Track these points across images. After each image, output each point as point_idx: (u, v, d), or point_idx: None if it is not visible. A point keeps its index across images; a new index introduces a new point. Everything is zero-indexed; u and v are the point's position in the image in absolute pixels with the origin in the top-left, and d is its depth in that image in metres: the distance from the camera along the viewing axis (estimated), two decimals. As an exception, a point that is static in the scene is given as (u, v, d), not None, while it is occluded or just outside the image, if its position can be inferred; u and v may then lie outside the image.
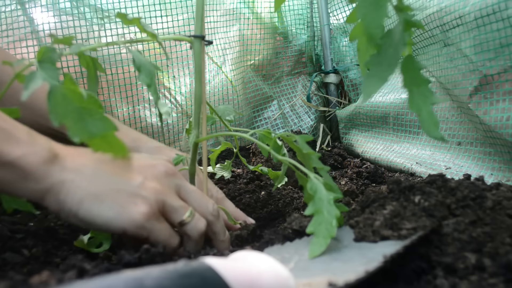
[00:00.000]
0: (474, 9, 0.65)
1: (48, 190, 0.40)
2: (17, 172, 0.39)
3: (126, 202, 0.42)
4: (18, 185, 0.39)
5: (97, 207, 0.40)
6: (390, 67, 0.39)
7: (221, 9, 1.07)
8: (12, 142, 0.39)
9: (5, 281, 0.31)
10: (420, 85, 0.42)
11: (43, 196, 0.40)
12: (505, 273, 0.33)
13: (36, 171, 0.39)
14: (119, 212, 0.41)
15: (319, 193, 0.43)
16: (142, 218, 0.42)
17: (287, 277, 0.30)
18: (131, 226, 0.41)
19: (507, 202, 0.42)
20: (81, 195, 0.40)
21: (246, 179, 0.82)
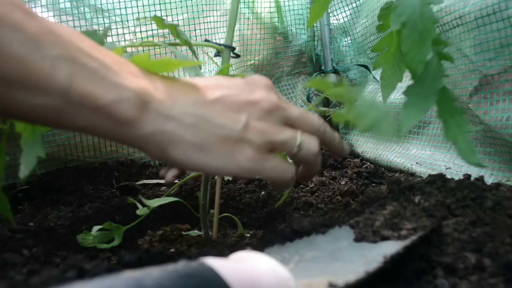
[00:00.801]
0: (474, 9, 0.65)
1: (148, 139, 0.37)
2: (110, 118, 0.35)
3: (232, 149, 0.39)
4: (114, 132, 0.36)
5: (203, 158, 0.39)
6: (428, 97, 0.41)
7: (221, 9, 1.07)
8: (101, 84, 0.35)
9: (5, 281, 0.31)
10: (454, 116, 0.43)
11: (144, 144, 0.37)
12: (505, 273, 0.33)
13: (130, 119, 0.36)
14: (227, 161, 0.39)
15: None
16: (250, 163, 0.40)
17: (288, 278, 0.30)
18: (240, 171, 0.40)
19: (507, 202, 0.42)
20: (185, 147, 0.38)
21: (246, 179, 0.82)
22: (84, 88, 0.34)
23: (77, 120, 0.34)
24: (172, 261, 0.42)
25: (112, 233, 0.54)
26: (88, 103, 0.34)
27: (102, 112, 0.35)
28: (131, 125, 0.36)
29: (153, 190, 0.78)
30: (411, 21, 0.40)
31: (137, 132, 0.36)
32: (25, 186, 0.82)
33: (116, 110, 0.35)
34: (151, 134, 0.37)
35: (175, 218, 0.68)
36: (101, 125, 0.35)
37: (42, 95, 0.32)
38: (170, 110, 0.38)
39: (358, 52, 1.20)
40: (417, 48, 0.40)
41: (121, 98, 0.35)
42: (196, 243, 0.55)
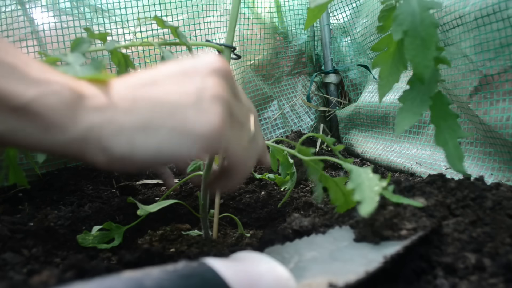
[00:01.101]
0: (474, 9, 0.65)
1: (85, 139, 0.30)
2: (35, 120, 0.29)
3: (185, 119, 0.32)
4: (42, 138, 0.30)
5: (152, 140, 0.31)
6: (423, 103, 0.42)
7: (221, 9, 1.07)
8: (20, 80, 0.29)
9: (5, 281, 0.31)
10: (448, 120, 0.44)
11: (82, 149, 0.30)
12: (505, 273, 0.33)
13: (60, 119, 0.29)
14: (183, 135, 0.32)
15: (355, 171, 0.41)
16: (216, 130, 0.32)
17: (288, 278, 0.30)
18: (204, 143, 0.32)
19: (507, 202, 0.42)
20: (128, 134, 0.31)
21: (246, 179, 0.82)
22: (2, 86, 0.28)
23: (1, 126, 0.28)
24: (172, 261, 0.42)
25: (112, 233, 0.54)
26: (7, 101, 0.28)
27: (24, 112, 0.29)
28: (61, 126, 0.30)
29: (153, 190, 0.78)
30: (412, 29, 0.41)
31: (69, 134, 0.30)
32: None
33: (41, 108, 0.29)
34: (87, 131, 0.30)
35: (175, 218, 0.68)
36: (23, 131, 0.29)
37: None
38: (104, 100, 0.32)
39: (358, 52, 1.20)
40: (422, 54, 0.41)
41: (46, 93, 0.29)
42: (196, 243, 0.55)
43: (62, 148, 0.30)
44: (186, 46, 0.52)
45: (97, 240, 0.53)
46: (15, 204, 0.75)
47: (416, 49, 0.41)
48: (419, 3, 0.41)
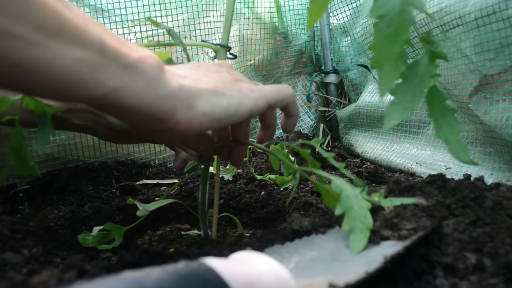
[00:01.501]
0: (474, 9, 0.65)
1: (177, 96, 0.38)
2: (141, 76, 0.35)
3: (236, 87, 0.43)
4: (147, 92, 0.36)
5: (224, 100, 0.41)
6: (415, 97, 0.41)
7: (221, 9, 1.07)
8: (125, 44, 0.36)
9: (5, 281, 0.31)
10: (446, 115, 0.43)
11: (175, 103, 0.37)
12: (505, 273, 0.33)
13: (156, 76, 0.36)
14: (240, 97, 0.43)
15: (345, 191, 0.42)
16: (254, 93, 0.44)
17: (288, 279, 0.30)
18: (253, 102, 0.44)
19: (507, 202, 0.42)
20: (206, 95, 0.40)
21: (246, 179, 0.82)
22: (115, 46, 0.34)
23: (111, 79, 0.34)
24: (172, 261, 0.42)
25: (112, 234, 0.54)
26: (120, 59, 0.34)
27: (134, 69, 0.35)
28: (160, 82, 0.37)
29: (153, 190, 0.78)
30: (388, 16, 0.40)
31: (166, 89, 0.37)
32: (25, 186, 0.82)
33: (145, 66, 0.36)
34: (178, 90, 0.38)
35: (175, 218, 0.68)
36: (134, 85, 0.35)
37: (80, 47, 0.32)
38: (177, 71, 0.41)
39: (358, 52, 1.20)
40: (388, 44, 0.40)
41: (145, 56, 0.36)
42: (196, 243, 0.55)
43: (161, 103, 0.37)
44: (181, 47, 0.52)
45: (97, 240, 0.53)
46: (15, 204, 0.75)
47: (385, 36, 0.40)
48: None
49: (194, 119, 0.39)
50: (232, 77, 0.45)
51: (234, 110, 0.42)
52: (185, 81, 0.39)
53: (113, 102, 0.35)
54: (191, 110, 0.39)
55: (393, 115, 0.40)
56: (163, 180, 0.87)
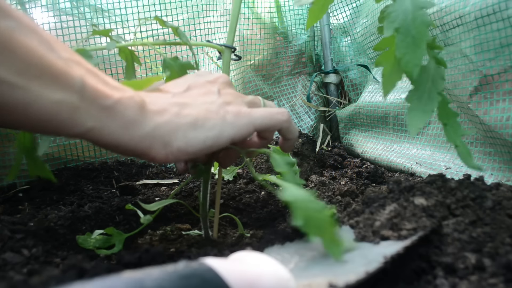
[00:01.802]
0: (474, 9, 0.65)
1: (153, 136, 0.39)
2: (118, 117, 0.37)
3: (220, 115, 0.43)
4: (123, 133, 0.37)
5: (201, 133, 0.41)
6: (431, 100, 0.42)
7: (221, 9, 1.07)
8: (106, 85, 0.37)
9: (5, 281, 0.31)
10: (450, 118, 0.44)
11: (151, 143, 0.39)
12: (505, 273, 0.33)
13: (135, 117, 0.38)
14: (221, 127, 0.42)
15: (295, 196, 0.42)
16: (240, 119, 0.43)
17: (288, 279, 0.30)
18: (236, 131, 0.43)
19: (507, 202, 0.42)
20: (183, 130, 0.40)
21: (246, 179, 0.82)
22: (95, 87, 0.36)
23: (88, 120, 0.35)
24: (172, 261, 0.42)
25: (113, 239, 0.54)
26: (99, 101, 0.36)
27: (112, 111, 0.36)
28: (136, 124, 0.38)
29: (153, 190, 0.78)
30: (403, 27, 0.41)
31: (142, 131, 0.38)
32: (25, 186, 0.82)
33: (123, 108, 0.37)
34: (154, 129, 0.39)
35: (175, 218, 0.68)
36: (110, 126, 0.36)
37: (60, 90, 0.33)
38: (158, 106, 0.41)
39: (358, 52, 1.20)
40: (412, 52, 0.41)
41: (125, 98, 0.37)
42: (197, 242, 0.55)
43: (136, 143, 0.38)
44: (188, 46, 0.52)
45: (98, 244, 0.53)
46: (15, 204, 0.75)
47: (406, 47, 0.41)
48: (412, 2, 0.41)
49: (169, 155, 0.40)
50: (220, 101, 0.44)
51: (212, 143, 0.42)
52: (163, 117, 0.40)
53: (91, 140, 0.37)
54: (166, 147, 0.40)
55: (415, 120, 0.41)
56: (163, 180, 0.87)
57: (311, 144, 0.95)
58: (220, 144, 0.42)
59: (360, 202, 0.60)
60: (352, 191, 0.73)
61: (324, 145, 1.17)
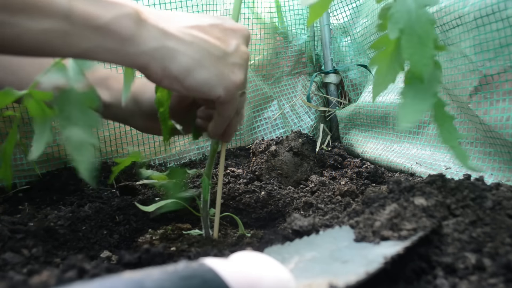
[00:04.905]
0: (473, 9, 0.65)
1: (152, 55, 0.39)
2: (113, 36, 0.37)
3: (226, 70, 0.43)
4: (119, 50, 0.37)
5: (203, 73, 0.41)
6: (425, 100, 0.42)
7: (221, 9, 1.07)
8: (99, 4, 0.36)
9: (5, 281, 0.31)
10: (445, 121, 0.44)
11: (148, 61, 0.39)
12: (505, 273, 0.33)
13: (132, 34, 0.37)
14: (221, 78, 0.42)
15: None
16: (235, 88, 0.44)
17: (288, 279, 0.30)
18: (225, 93, 0.43)
19: (507, 202, 0.42)
20: (188, 63, 0.40)
21: (246, 179, 0.82)
22: (84, 9, 0.35)
23: (82, 42, 0.35)
24: (173, 261, 0.42)
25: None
26: (91, 23, 0.35)
27: (105, 30, 0.36)
28: (134, 41, 0.37)
29: (153, 190, 0.78)
30: (408, 27, 0.40)
31: (140, 48, 0.38)
32: (25, 186, 0.82)
33: (118, 27, 0.36)
34: (154, 50, 0.38)
35: (175, 218, 0.68)
36: (105, 45, 0.36)
37: (46, 18, 0.34)
38: (168, 28, 0.40)
39: (358, 52, 1.20)
40: (420, 52, 0.40)
41: (120, 15, 0.37)
42: (197, 242, 0.55)
43: (132, 60, 0.38)
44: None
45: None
46: (15, 204, 0.75)
47: (413, 47, 0.40)
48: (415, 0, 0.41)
49: (164, 79, 0.40)
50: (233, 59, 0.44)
51: (208, 89, 0.42)
52: (169, 41, 0.39)
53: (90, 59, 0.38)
54: (164, 71, 0.40)
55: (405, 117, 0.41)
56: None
57: (311, 144, 0.95)
58: (212, 95, 0.43)
59: (360, 202, 0.60)
60: (352, 191, 0.73)
61: (324, 145, 1.17)
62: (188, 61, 0.40)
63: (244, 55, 0.45)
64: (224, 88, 0.43)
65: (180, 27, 0.41)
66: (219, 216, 0.58)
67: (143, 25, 0.38)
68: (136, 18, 0.38)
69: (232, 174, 0.86)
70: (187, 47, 0.40)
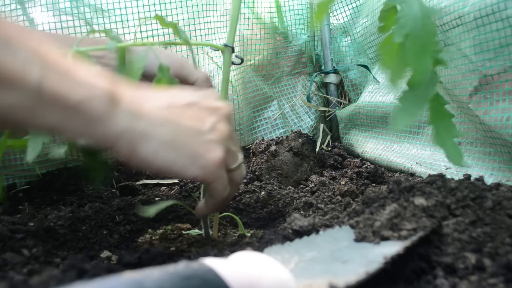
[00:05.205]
0: (473, 9, 0.65)
1: (119, 137, 0.38)
2: (81, 115, 0.36)
3: (200, 149, 0.42)
4: (86, 129, 0.37)
5: (172, 155, 0.40)
6: (420, 104, 0.43)
7: (221, 9, 1.07)
8: (71, 83, 0.36)
9: (5, 281, 0.31)
10: (444, 120, 0.45)
11: (115, 142, 0.39)
12: (505, 273, 0.33)
13: (100, 115, 0.37)
14: (194, 160, 0.41)
15: None
16: (214, 166, 0.42)
17: (288, 279, 0.30)
18: (203, 173, 0.42)
19: (507, 202, 0.42)
20: (156, 145, 0.40)
21: (246, 179, 0.82)
22: (55, 88, 0.35)
23: (47, 118, 0.35)
24: (173, 261, 0.42)
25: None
26: (59, 102, 0.35)
27: (73, 109, 0.36)
28: (102, 122, 0.37)
29: (153, 190, 0.78)
30: (413, 34, 0.41)
31: (107, 129, 0.38)
32: (25, 186, 0.82)
33: (87, 107, 0.36)
34: (122, 132, 0.38)
35: (175, 218, 0.68)
36: (72, 124, 0.36)
37: (14, 92, 0.33)
38: (141, 110, 0.40)
39: (358, 52, 1.20)
40: (420, 59, 0.41)
41: (91, 96, 0.36)
42: (197, 242, 0.55)
43: (99, 139, 0.38)
44: (187, 45, 0.52)
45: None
46: (15, 204, 0.75)
47: (415, 53, 0.41)
48: (422, 9, 0.42)
49: (132, 160, 0.40)
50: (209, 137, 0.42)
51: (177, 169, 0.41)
52: (138, 123, 0.39)
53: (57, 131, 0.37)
54: (131, 153, 0.39)
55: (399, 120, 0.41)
56: (163, 180, 0.87)
57: (311, 144, 0.95)
58: (186, 175, 0.42)
59: (360, 202, 0.60)
60: (352, 191, 0.73)
61: (324, 145, 1.17)
62: (156, 143, 0.40)
63: (222, 132, 0.44)
64: (201, 168, 0.42)
65: (154, 108, 0.41)
66: (218, 216, 0.58)
67: (114, 105, 0.38)
68: (108, 99, 0.37)
69: (232, 174, 0.86)
70: (157, 129, 0.40)
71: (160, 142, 0.40)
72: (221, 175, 0.44)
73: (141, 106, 0.40)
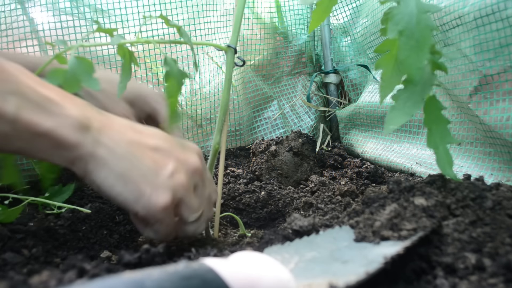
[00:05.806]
0: (473, 9, 0.65)
1: (79, 158, 0.41)
2: (51, 141, 0.40)
3: (147, 189, 0.43)
4: (52, 153, 0.41)
5: (119, 188, 0.42)
6: (416, 104, 0.42)
7: (221, 9, 1.07)
8: (44, 113, 0.39)
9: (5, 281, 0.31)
10: (439, 124, 0.44)
11: (73, 162, 0.42)
12: (505, 273, 0.33)
13: (68, 141, 0.40)
14: (138, 198, 0.42)
15: None
16: (156, 209, 0.43)
17: (288, 279, 0.30)
18: (145, 212, 0.43)
19: (507, 202, 0.42)
20: (107, 173, 0.42)
21: (246, 179, 0.82)
22: (28, 118, 0.38)
23: (18, 142, 0.39)
24: (173, 261, 0.42)
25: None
26: (31, 129, 0.39)
27: (45, 137, 0.39)
28: (69, 148, 0.40)
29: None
30: (408, 29, 0.41)
31: (71, 153, 0.41)
32: (25, 186, 0.82)
33: (56, 134, 0.39)
34: (83, 154, 0.41)
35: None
36: (40, 147, 0.40)
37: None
38: (106, 139, 0.42)
39: (358, 52, 1.20)
40: (414, 55, 0.41)
41: (61, 124, 0.40)
42: (197, 241, 0.55)
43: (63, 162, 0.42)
44: (189, 45, 0.52)
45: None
46: (15, 204, 0.75)
47: (409, 50, 0.41)
48: (418, 5, 0.41)
49: (86, 180, 0.43)
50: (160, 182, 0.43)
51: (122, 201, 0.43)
52: (99, 150, 0.42)
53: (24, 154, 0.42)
54: (85, 175, 0.42)
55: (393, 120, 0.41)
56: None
57: (311, 144, 0.95)
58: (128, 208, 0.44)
59: (360, 202, 0.60)
60: (352, 191, 0.73)
61: (324, 145, 1.17)
62: (108, 172, 0.42)
63: (179, 182, 0.44)
64: (143, 207, 0.43)
65: (120, 140, 0.43)
66: (219, 216, 0.58)
67: (83, 133, 0.41)
68: (78, 126, 0.40)
69: (232, 174, 0.86)
70: (114, 159, 0.42)
71: (112, 172, 0.42)
72: (164, 219, 0.44)
73: (108, 135, 0.43)
